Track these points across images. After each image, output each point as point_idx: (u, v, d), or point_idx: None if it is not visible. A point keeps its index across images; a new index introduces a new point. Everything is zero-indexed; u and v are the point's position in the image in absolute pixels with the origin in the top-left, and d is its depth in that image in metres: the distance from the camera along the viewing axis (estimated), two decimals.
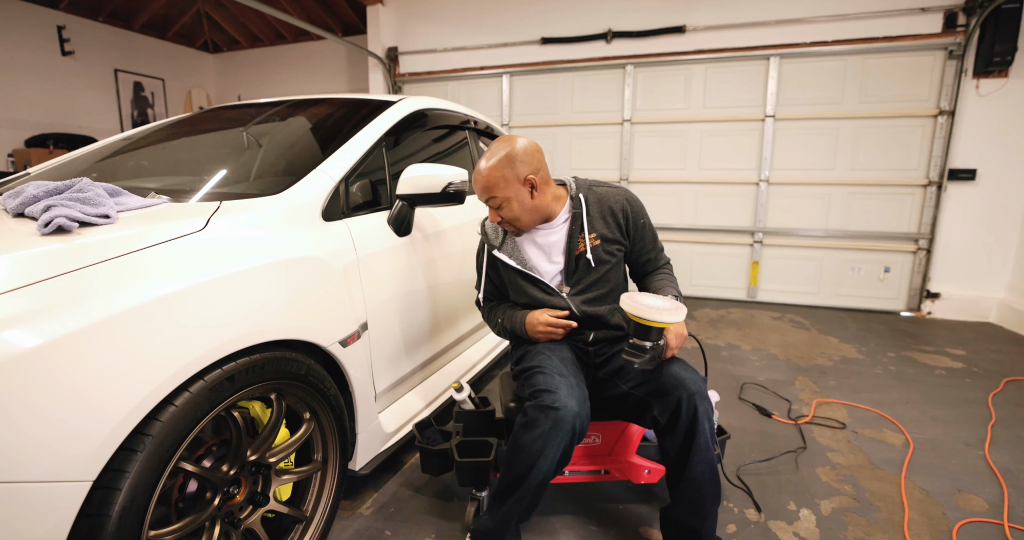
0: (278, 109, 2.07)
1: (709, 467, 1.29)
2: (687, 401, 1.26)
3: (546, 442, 1.21)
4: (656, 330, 1.23)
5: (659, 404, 1.31)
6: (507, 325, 1.55)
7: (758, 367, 2.87)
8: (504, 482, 1.29)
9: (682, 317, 1.20)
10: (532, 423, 1.22)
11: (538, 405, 1.23)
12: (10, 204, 1.14)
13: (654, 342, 1.24)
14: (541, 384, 1.27)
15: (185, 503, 1.09)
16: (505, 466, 1.29)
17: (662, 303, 1.22)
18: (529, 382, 1.33)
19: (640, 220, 1.50)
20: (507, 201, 1.40)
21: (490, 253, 1.57)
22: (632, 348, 1.25)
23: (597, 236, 1.46)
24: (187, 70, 6.74)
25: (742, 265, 4.40)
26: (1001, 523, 1.57)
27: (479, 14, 4.86)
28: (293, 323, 1.21)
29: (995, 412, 2.32)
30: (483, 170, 1.40)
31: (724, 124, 4.27)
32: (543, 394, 1.24)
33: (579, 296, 1.49)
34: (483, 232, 1.61)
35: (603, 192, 1.50)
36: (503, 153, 1.39)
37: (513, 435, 1.27)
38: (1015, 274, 3.72)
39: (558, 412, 1.20)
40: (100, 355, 0.84)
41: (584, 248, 1.45)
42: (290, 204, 1.36)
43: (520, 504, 1.29)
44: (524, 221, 1.44)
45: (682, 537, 1.36)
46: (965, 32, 3.61)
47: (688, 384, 1.27)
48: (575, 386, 1.28)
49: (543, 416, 1.21)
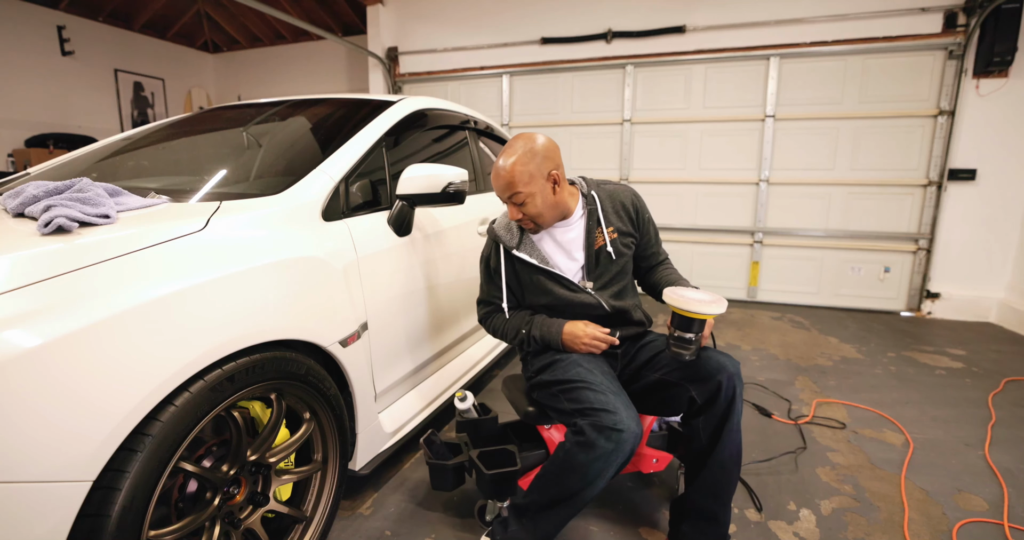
0: (278, 109, 2.07)
1: (737, 450, 1.34)
2: (727, 382, 1.30)
3: (607, 463, 1.19)
4: (699, 322, 1.27)
5: (698, 386, 1.34)
6: (537, 334, 1.48)
7: (758, 367, 2.87)
8: (546, 496, 1.26)
9: (724, 309, 1.24)
10: (591, 443, 1.19)
11: (597, 425, 1.20)
12: (10, 204, 1.14)
13: (696, 334, 1.28)
14: (595, 402, 1.24)
15: (185, 503, 1.09)
16: (549, 480, 1.26)
17: (705, 296, 1.26)
18: (576, 398, 1.29)
19: (646, 214, 1.56)
20: (531, 197, 1.40)
21: (508, 253, 1.53)
22: (679, 341, 1.29)
23: (614, 229, 1.50)
24: (187, 70, 6.74)
25: (742, 265, 4.40)
26: (1001, 523, 1.57)
27: (479, 14, 4.86)
28: (293, 323, 1.21)
29: (995, 412, 2.32)
30: (507, 166, 1.39)
31: (724, 124, 4.27)
32: (601, 414, 1.21)
33: (605, 291, 1.49)
34: (493, 235, 1.56)
35: (611, 189, 1.55)
36: (527, 149, 1.39)
37: (566, 452, 1.23)
38: (1015, 274, 3.72)
39: (621, 434, 1.18)
40: (100, 355, 0.84)
41: (604, 242, 1.48)
42: (290, 204, 1.36)
43: (566, 520, 1.27)
44: (546, 217, 1.44)
45: (698, 524, 1.37)
46: (965, 32, 3.61)
47: (728, 366, 1.32)
48: (630, 404, 1.27)
49: (603, 437, 1.19)
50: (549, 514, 1.27)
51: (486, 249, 1.61)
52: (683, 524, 1.40)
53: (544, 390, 1.43)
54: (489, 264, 1.58)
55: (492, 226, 1.59)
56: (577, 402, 1.28)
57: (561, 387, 1.35)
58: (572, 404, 1.30)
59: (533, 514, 1.28)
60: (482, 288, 1.63)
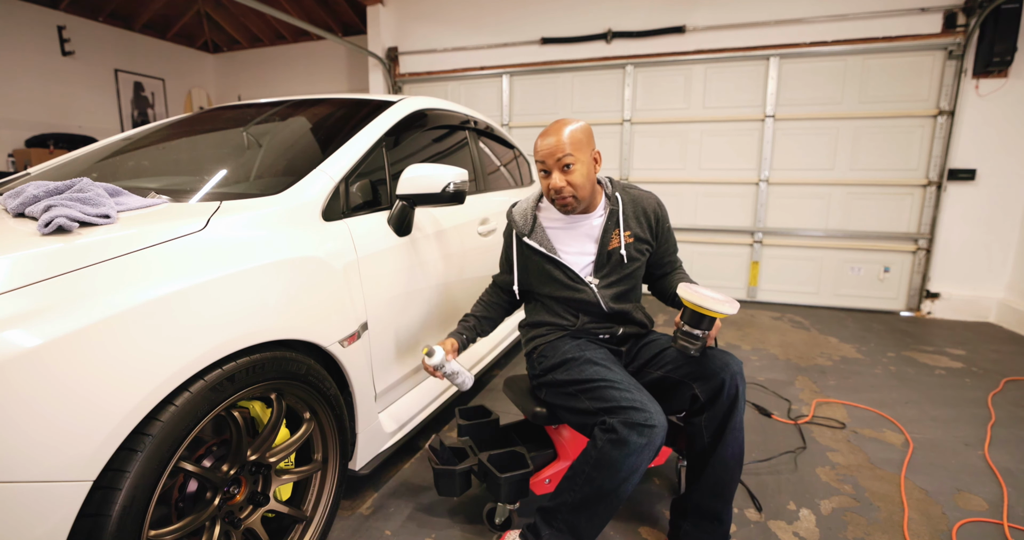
0: (278, 109, 2.07)
1: (739, 448, 1.34)
2: (730, 380, 1.31)
3: (640, 458, 1.21)
4: (708, 319, 1.28)
5: (701, 384, 1.35)
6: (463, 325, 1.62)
7: (758, 367, 2.87)
8: (577, 497, 1.25)
9: (735, 309, 1.26)
10: (624, 441, 1.20)
11: (628, 422, 1.21)
12: (10, 204, 1.14)
13: (704, 331, 1.29)
14: (623, 400, 1.25)
15: (185, 503, 1.09)
16: (582, 480, 1.25)
17: (719, 295, 1.28)
18: (601, 397, 1.29)
19: (667, 224, 1.59)
20: (579, 164, 1.43)
21: (520, 239, 1.58)
22: (686, 336, 1.31)
23: (631, 234, 1.52)
24: (187, 70, 6.74)
25: (742, 265, 4.40)
26: (1001, 523, 1.57)
27: (479, 14, 4.86)
28: (293, 323, 1.21)
29: (995, 412, 2.32)
30: (562, 130, 1.42)
31: (724, 124, 4.27)
32: (631, 411, 1.22)
33: (608, 289, 1.51)
34: (511, 218, 1.62)
35: (636, 194, 1.58)
36: (579, 123, 1.45)
37: (599, 450, 1.24)
38: (1015, 274, 3.72)
39: (654, 430, 1.20)
40: (100, 355, 0.84)
41: (618, 244, 1.50)
42: (290, 204, 1.36)
43: (605, 518, 1.26)
44: (583, 192, 1.46)
45: (701, 524, 1.37)
46: (965, 32, 3.61)
47: (732, 365, 1.34)
48: (654, 400, 1.28)
49: (637, 434, 1.20)
50: (585, 513, 1.26)
51: (506, 229, 1.68)
52: (685, 523, 1.40)
53: (558, 390, 1.42)
54: (508, 243, 1.66)
55: (511, 210, 1.64)
56: (603, 401, 1.28)
57: (580, 386, 1.35)
58: (597, 403, 1.29)
59: (566, 516, 1.27)
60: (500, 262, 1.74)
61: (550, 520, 1.29)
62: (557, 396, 1.42)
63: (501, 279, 1.72)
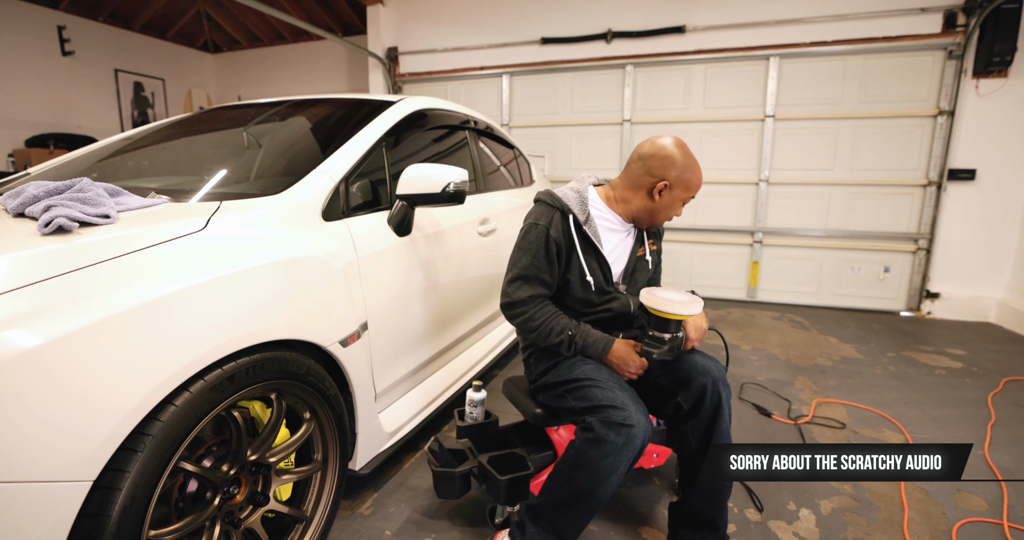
0: (278, 109, 2.07)
1: None
2: (711, 387, 1.31)
3: (618, 458, 1.20)
4: (674, 322, 1.28)
5: (684, 391, 1.35)
6: (580, 342, 1.38)
7: (758, 367, 2.87)
8: (558, 496, 1.25)
9: (698, 310, 1.25)
10: (601, 439, 1.19)
11: (607, 421, 1.20)
12: (10, 204, 1.14)
13: (672, 334, 1.29)
14: (604, 399, 1.24)
15: (185, 503, 1.09)
16: (561, 479, 1.26)
17: (679, 297, 1.27)
18: (584, 396, 1.29)
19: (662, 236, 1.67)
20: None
21: (580, 227, 1.41)
22: (651, 340, 1.31)
23: (654, 242, 1.60)
24: (187, 70, 6.74)
25: (742, 265, 4.40)
26: (1000, 523, 1.57)
27: (479, 14, 4.86)
28: (293, 323, 1.21)
29: (995, 412, 2.32)
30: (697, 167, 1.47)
31: (724, 124, 4.27)
32: (610, 410, 1.21)
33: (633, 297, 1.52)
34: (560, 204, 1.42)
35: None
36: None
37: (577, 450, 1.23)
38: (1014, 274, 3.72)
39: (631, 429, 1.19)
40: (100, 355, 0.84)
41: (644, 252, 1.55)
42: (290, 204, 1.36)
43: (586, 519, 1.26)
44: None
45: (698, 530, 1.37)
46: (965, 32, 3.61)
47: (712, 371, 1.33)
48: (639, 400, 1.27)
49: (614, 432, 1.19)
50: (566, 513, 1.26)
51: (543, 218, 1.42)
52: (682, 529, 1.40)
53: (550, 391, 1.43)
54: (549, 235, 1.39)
55: (557, 195, 1.45)
56: (585, 400, 1.28)
57: (567, 386, 1.35)
58: (580, 402, 1.30)
59: (549, 515, 1.27)
60: (520, 263, 1.42)
61: (535, 518, 1.30)
62: (551, 397, 1.43)
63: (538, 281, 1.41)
